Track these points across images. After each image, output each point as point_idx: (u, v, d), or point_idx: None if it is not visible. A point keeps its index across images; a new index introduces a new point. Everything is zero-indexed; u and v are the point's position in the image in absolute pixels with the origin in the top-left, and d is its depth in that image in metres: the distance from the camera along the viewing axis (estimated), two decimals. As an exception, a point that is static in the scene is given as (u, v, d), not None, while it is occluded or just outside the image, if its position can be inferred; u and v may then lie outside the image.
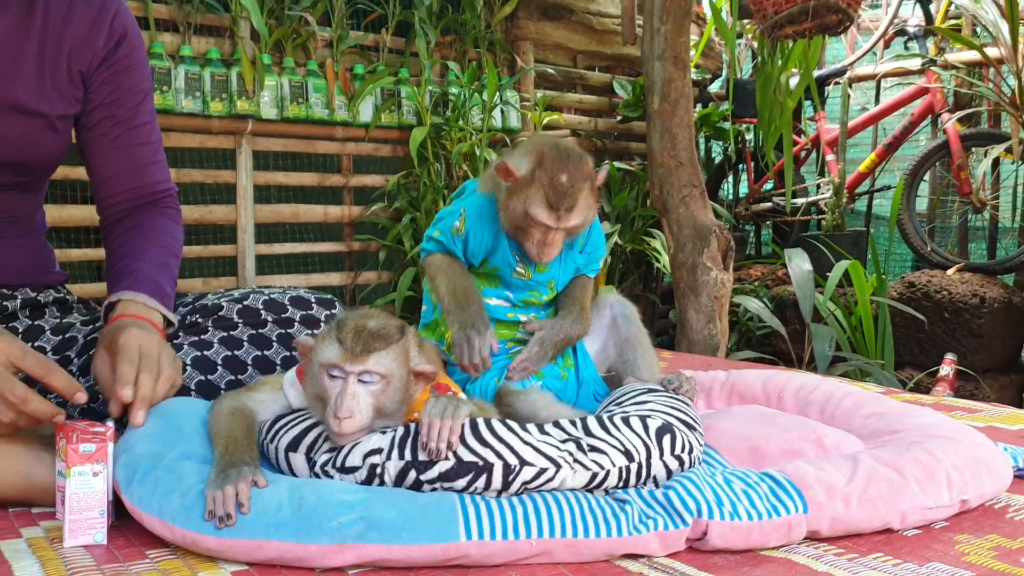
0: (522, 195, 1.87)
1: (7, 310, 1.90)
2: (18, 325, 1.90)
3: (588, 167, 1.92)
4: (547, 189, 1.84)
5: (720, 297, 4.01)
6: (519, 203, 1.88)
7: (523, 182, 1.88)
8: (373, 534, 1.29)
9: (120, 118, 1.98)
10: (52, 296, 2.00)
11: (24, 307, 1.94)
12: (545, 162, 1.87)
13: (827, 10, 3.63)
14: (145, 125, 2.02)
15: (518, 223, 1.90)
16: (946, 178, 5.39)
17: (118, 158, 2.00)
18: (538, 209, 1.85)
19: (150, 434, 1.51)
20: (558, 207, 1.85)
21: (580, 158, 1.91)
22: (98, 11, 1.92)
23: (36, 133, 1.86)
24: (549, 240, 1.90)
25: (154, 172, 2.05)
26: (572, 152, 1.91)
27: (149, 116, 2.04)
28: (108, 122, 1.97)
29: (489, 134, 4.73)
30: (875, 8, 6.23)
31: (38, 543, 1.41)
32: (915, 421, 1.83)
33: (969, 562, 1.35)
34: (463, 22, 4.85)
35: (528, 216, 1.87)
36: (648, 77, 4.15)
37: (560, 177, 1.85)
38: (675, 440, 1.53)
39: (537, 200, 1.85)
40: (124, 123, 1.98)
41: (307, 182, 4.45)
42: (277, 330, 1.90)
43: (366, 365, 1.42)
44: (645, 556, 1.38)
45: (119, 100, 1.97)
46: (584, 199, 1.88)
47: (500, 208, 1.94)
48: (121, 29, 1.96)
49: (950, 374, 4.44)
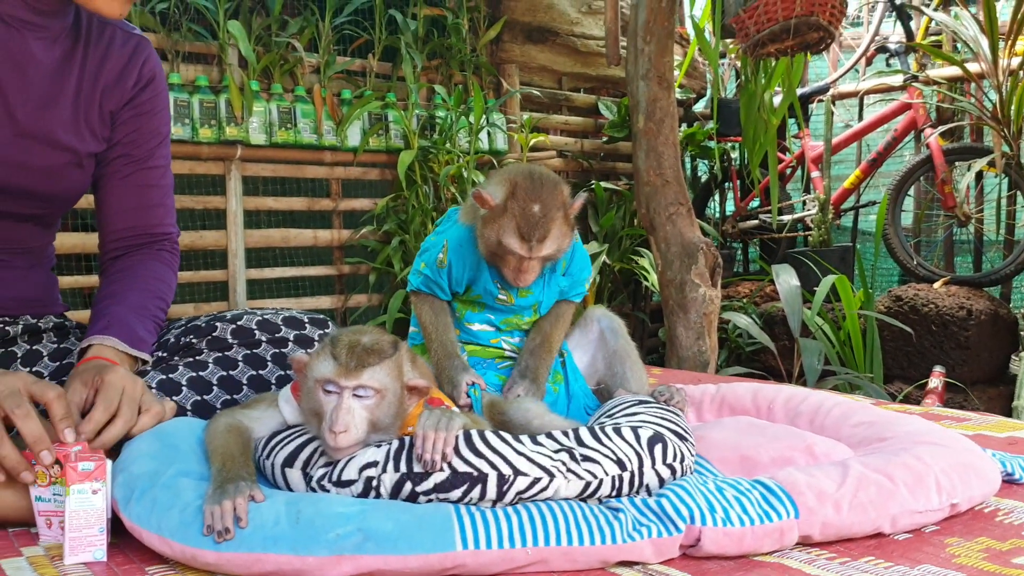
0: (496, 224, 1.89)
1: (8, 335, 1.92)
2: (16, 350, 1.91)
3: (562, 196, 1.92)
4: (519, 219, 1.85)
5: (709, 314, 4.04)
6: (493, 232, 1.89)
7: (497, 211, 1.89)
8: (370, 545, 1.30)
9: (135, 157, 2.02)
10: (52, 322, 2.02)
11: (24, 333, 1.95)
12: (518, 192, 1.88)
13: (808, 28, 3.67)
14: (158, 168, 2.06)
15: (493, 250, 1.92)
16: (930, 192, 5.45)
17: (126, 196, 2.03)
18: (510, 239, 1.87)
19: (147, 453, 1.52)
20: (530, 237, 1.86)
21: (554, 187, 1.91)
22: (131, 53, 1.97)
23: (63, 167, 1.89)
24: (524, 267, 1.91)
25: (158, 214, 2.08)
26: (546, 181, 1.91)
27: (164, 160, 2.08)
28: (123, 160, 2.01)
29: (476, 156, 4.77)
30: (856, 26, 6.31)
31: (39, 561, 1.41)
32: (903, 428, 1.85)
33: (960, 564, 1.37)
34: (449, 46, 4.89)
35: (501, 245, 1.88)
36: (633, 97, 4.19)
37: (532, 207, 1.86)
38: (667, 449, 1.55)
39: (510, 230, 1.87)
40: (138, 162, 2.02)
41: (297, 206, 4.47)
42: (272, 349, 1.92)
43: (361, 380, 1.44)
44: (640, 563, 1.39)
45: (137, 140, 2.01)
46: (557, 228, 1.89)
47: (477, 235, 1.96)
48: (150, 74, 2.01)
49: (939, 386, 4.48)
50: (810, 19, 3.65)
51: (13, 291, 1.96)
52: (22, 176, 1.83)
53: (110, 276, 2.03)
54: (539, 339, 2.06)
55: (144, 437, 1.58)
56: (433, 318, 2.05)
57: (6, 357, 1.89)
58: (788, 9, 3.64)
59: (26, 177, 1.84)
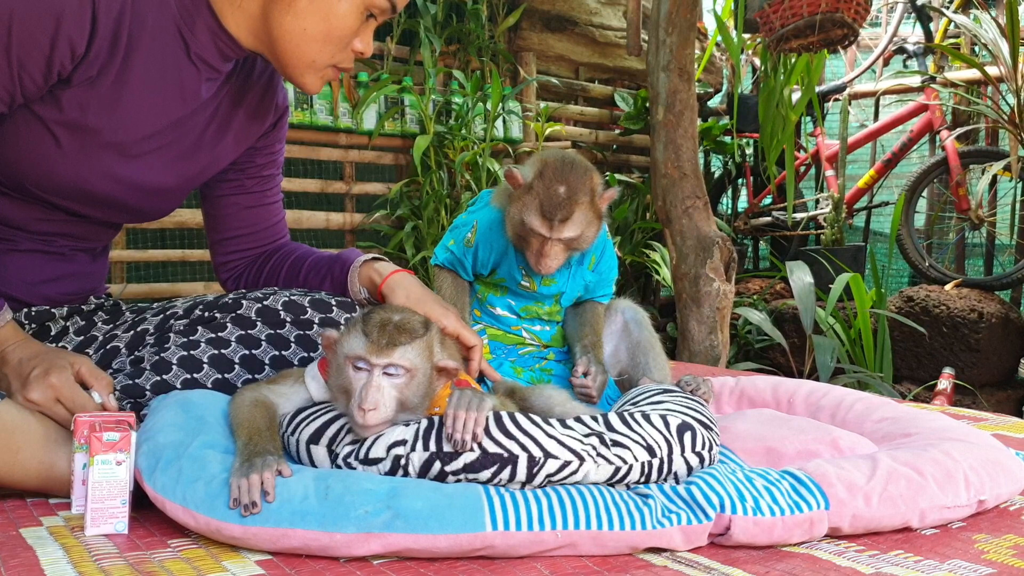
0: (520, 203, 1.89)
1: (54, 316, 1.92)
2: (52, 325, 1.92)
3: (592, 182, 1.91)
4: (542, 198, 1.85)
5: (722, 308, 4.03)
6: (518, 211, 1.89)
7: (524, 190, 1.89)
8: (400, 523, 1.29)
9: (269, 177, 2.09)
10: (94, 304, 2.03)
11: (71, 315, 1.96)
12: (546, 172, 1.87)
13: (833, 24, 3.65)
14: (279, 182, 2.14)
15: (518, 230, 1.91)
16: (944, 195, 5.43)
17: (260, 215, 2.11)
18: (533, 218, 1.86)
19: (172, 424, 1.51)
20: (552, 217, 1.85)
21: (584, 171, 1.90)
22: (267, 84, 1.99)
23: (170, 190, 1.92)
24: (546, 251, 1.90)
25: (283, 227, 2.19)
26: (577, 165, 1.91)
27: (281, 174, 2.15)
28: (258, 181, 2.08)
29: (492, 144, 4.75)
30: (875, 26, 6.28)
31: (59, 531, 1.41)
32: (927, 425, 1.84)
33: (990, 560, 1.36)
34: (467, 32, 4.87)
35: (524, 224, 1.88)
36: (653, 88, 4.18)
37: (557, 188, 1.85)
38: (695, 437, 1.54)
39: (533, 208, 1.86)
40: (270, 180, 2.10)
41: (310, 188, 4.46)
42: (295, 331, 1.90)
43: (391, 358, 1.42)
44: (668, 550, 1.38)
45: (268, 164, 2.07)
46: (582, 212, 1.88)
47: (505, 216, 1.96)
48: (284, 104, 2.06)
49: (948, 388, 4.46)
50: (835, 16, 3.64)
51: (74, 286, 1.98)
52: (129, 193, 1.84)
53: (279, 263, 2.13)
54: (591, 336, 2.08)
55: (169, 407, 1.57)
56: (453, 293, 2.06)
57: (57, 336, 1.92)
58: (813, 5, 3.63)
59: (132, 194, 1.85)
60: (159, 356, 1.79)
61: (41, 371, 1.58)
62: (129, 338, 1.88)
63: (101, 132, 1.71)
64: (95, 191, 1.78)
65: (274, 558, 1.31)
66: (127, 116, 1.72)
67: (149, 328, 1.89)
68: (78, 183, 1.75)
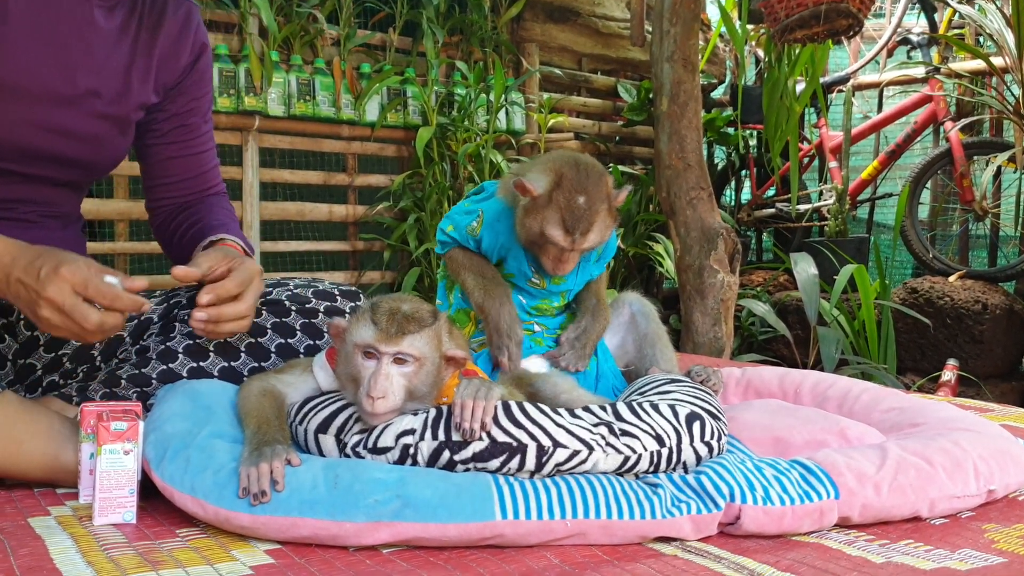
0: (539, 215, 1.86)
1: None
2: None
3: (607, 187, 1.91)
4: (564, 212, 1.83)
5: (726, 300, 4.02)
6: (536, 222, 1.87)
7: (541, 201, 1.86)
8: (409, 512, 1.28)
9: (192, 125, 2.04)
10: None
11: None
12: (564, 183, 1.85)
13: (838, 14, 3.64)
14: (209, 131, 2.09)
15: (534, 240, 1.90)
16: (948, 186, 5.42)
17: (185, 164, 2.06)
18: (554, 231, 1.85)
19: (179, 413, 1.50)
20: (574, 230, 1.84)
21: (599, 178, 1.89)
22: (183, 22, 1.97)
23: (108, 134, 1.88)
24: (565, 258, 1.90)
25: (214, 175, 2.12)
26: (592, 172, 1.89)
27: (211, 121, 2.11)
28: (181, 130, 2.03)
29: (494, 135, 4.74)
30: (879, 17, 6.26)
31: (67, 521, 1.40)
32: (935, 415, 1.83)
33: (1000, 549, 1.35)
34: (470, 23, 4.86)
35: (544, 236, 1.86)
36: (657, 79, 4.16)
37: (578, 200, 1.84)
38: (704, 427, 1.53)
39: (554, 222, 1.84)
40: (194, 129, 2.05)
41: (312, 180, 4.45)
42: (301, 319, 1.90)
43: (400, 347, 1.42)
44: (678, 539, 1.37)
45: (194, 109, 2.03)
46: (601, 220, 1.87)
47: (517, 223, 1.94)
48: (202, 40, 2.03)
49: (952, 379, 4.46)
50: (840, 6, 3.62)
51: None
52: (66, 144, 1.81)
53: (183, 219, 2.05)
54: (586, 295, 2.09)
55: (176, 396, 1.57)
56: (469, 261, 2.04)
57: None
58: (818, -5, 3.62)
59: (69, 145, 1.82)
60: (165, 345, 1.78)
61: (50, 268, 1.49)
62: (133, 327, 1.87)
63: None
64: (26, 145, 1.76)
65: (283, 547, 1.31)
66: (14, 53, 1.70)
67: (153, 317, 1.88)
68: (10, 138, 1.73)
